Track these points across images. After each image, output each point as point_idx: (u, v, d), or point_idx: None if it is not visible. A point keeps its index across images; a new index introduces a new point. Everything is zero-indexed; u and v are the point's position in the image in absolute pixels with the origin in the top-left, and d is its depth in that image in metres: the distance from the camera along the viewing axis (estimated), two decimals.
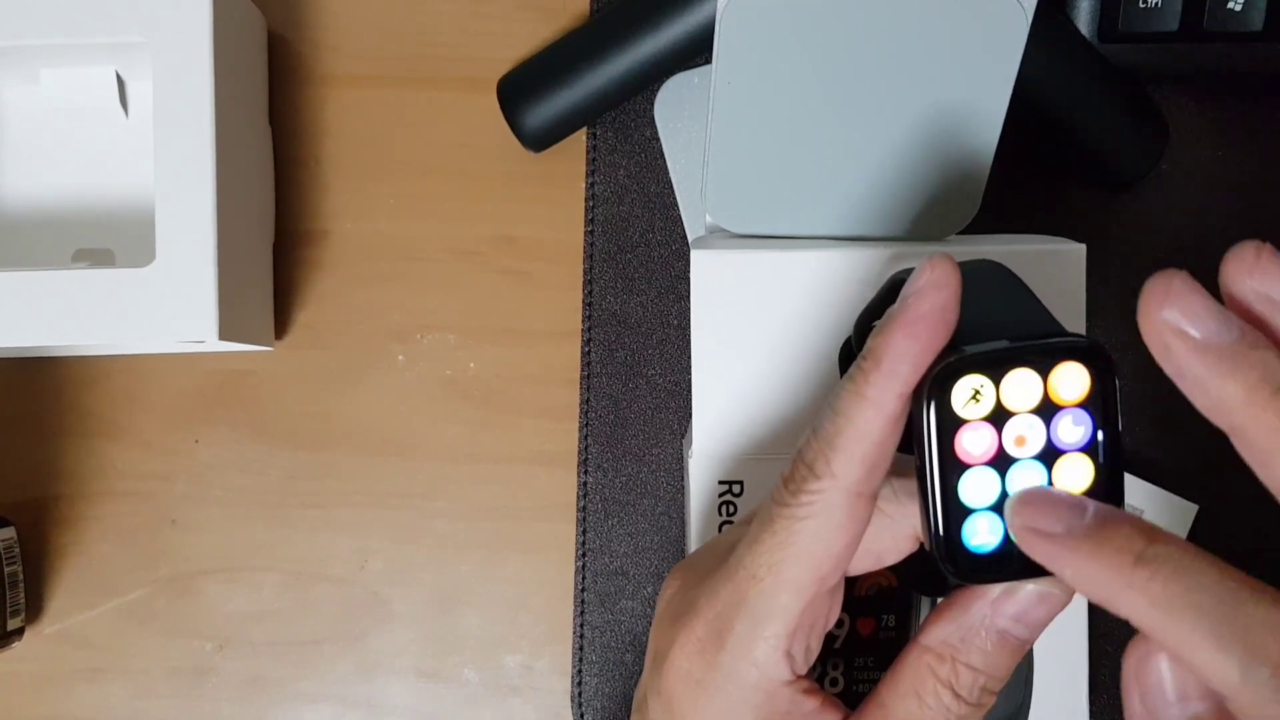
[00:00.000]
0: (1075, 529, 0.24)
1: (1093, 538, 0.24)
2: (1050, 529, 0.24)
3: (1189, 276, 0.24)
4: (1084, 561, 0.24)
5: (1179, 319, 0.24)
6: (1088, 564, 0.24)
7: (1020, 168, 0.47)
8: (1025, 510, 0.25)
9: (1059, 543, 0.24)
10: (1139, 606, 0.23)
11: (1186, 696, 0.24)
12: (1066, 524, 0.24)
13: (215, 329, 0.42)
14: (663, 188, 0.48)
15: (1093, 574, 0.23)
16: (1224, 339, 0.24)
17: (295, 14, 0.50)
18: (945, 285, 0.25)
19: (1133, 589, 0.23)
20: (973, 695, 0.27)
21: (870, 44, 0.36)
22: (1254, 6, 0.43)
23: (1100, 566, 0.23)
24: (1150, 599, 0.23)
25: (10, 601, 0.47)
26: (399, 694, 0.49)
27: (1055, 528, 0.24)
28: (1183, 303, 0.24)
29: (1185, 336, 0.24)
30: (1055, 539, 0.24)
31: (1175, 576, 0.23)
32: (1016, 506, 0.25)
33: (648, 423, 0.48)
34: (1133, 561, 0.23)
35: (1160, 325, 0.24)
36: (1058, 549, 0.24)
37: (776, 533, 0.27)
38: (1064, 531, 0.24)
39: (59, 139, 0.48)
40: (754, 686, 0.28)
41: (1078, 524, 0.24)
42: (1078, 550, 0.24)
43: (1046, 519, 0.24)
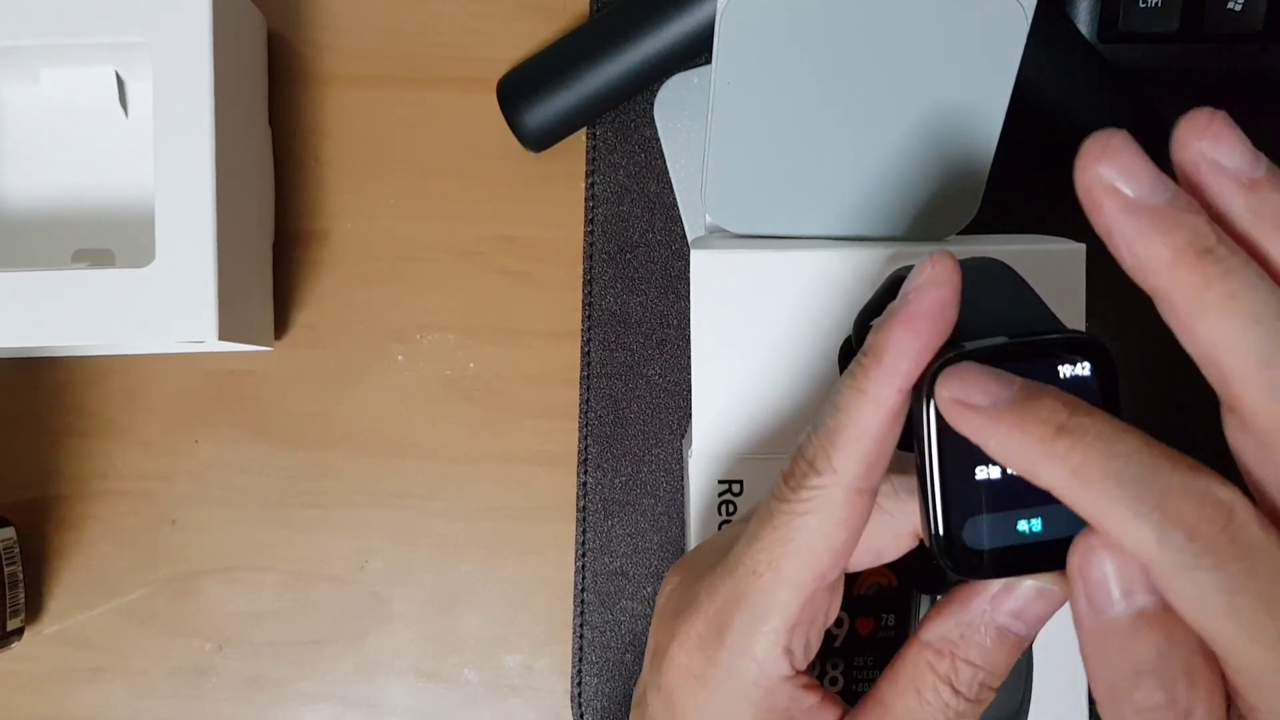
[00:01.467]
0: (1001, 401, 0.24)
1: (1016, 409, 0.24)
2: (976, 400, 0.24)
3: (1129, 136, 0.24)
4: (1007, 432, 0.24)
5: (1113, 175, 0.24)
6: (1011, 434, 0.24)
7: (1020, 167, 0.47)
8: (952, 383, 0.25)
9: (984, 414, 0.24)
10: (1060, 476, 0.23)
11: (1131, 591, 0.24)
12: (992, 397, 0.24)
13: (215, 329, 0.42)
14: (662, 188, 0.49)
15: (1016, 444, 0.24)
16: (1156, 199, 0.24)
17: (295, 14, 0.50)
18: (946, 282, 0.25)
19: (1054, 458, 0.23)
20: (972, 691, 0.27)
21: (870, 44, 0.36)
22: (1254, 7, 0.43)
23: (1023, 437, 0.23)
24: (1070, 468, 0.23)
25: (10, 601, 0.47)
26: (399, 694, 0.49)
27: (981, 400, 0.24)
28: (1119, 160, 0.24)
29: (1117, 193, 0.24)
30: (981, 410, 0.24)
31: (1095, 445, 0.23)
32: (943, 379, 0.25)
33: (647, 422, 0.48)
34: (1054, 432, 0.23)
35: (1094, 180, 0.24)
36: (982, 420, 0.24)
37: (777, 528, 0.27)
38: (990, 403, 0.24)
39: (59, 139, 0.48)
40: (753, 682, 0.28)
41: (1003, 396, 0.24)
42: (1000, 420, 0.24)
43: (972, 391, 0.24)
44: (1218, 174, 0.24)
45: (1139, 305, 0.48)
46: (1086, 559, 0.24)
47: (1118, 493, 0.22)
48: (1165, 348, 0.49)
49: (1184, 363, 0.49)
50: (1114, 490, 0.22)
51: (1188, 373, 0.49)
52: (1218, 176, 0.24)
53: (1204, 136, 0.24)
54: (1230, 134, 0.24)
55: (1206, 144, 0.24)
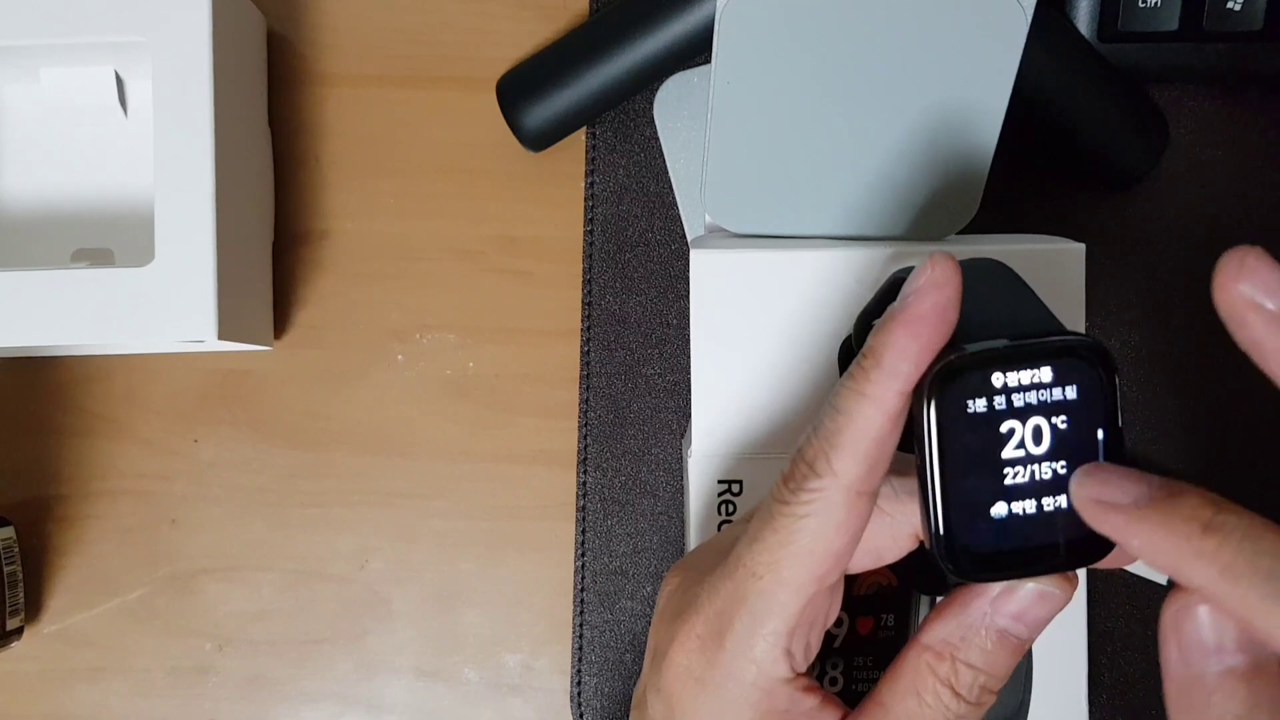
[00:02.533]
0: (1142, 499, 0.24)
1: (1160, 507, 0.24)
2: (1117, 500, 0.24)
3: (1263, 252, 0.24)
4: (1152, 530, 0.24)
5: (1254, 292, 0.24)
6: (1156, 532, 0.24)
7: (1020, 167, 0.47)
8: (1090, 483, 0.25)
9: (1126, 513, 0.24)
10: (1208, 574, 0.23)
11: (1224, 649, 0.24)
12: (1134, 495, 0.24)
13: (214, 328, 0.42)
14: (662, 187, 0.48)
15: (1161, 542, 0.24)
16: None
17: (295, 13, 0.50)
18: (946, 283, 0.25)
19: (1202, 557, 0.23)
20: (972, 694, 0.27)
21: (870, 43, 0.36)
22: (1253, 6, 0.43)
23: (1169, 535, 0.23)
24: (1219, 566, 0.23)
25: (10, 601, 0.47)
26: (399, 693, 0.49)
27: (1122, 499, 0.24)
28: (1258, 276, 0.24)
29: (1261, 309, 0.24)
30: (1122, 509, 0.24)
31: (1243, 543, 0.23)
32: (1080, 479, 0.25)
33: (647, 422, 0.48)
34: (1201, 529, 0.23)
35: (1236, 299, 0.24)
36: (1125, 519, 0.24)
37: (777, 530, 0.27)
38: (1131, 502, 0.24)
39: (58, 138, 0.48)
40: (753, 684, 0.28)
41: (1144, 494, 0.24)
42: (1145, 520, 0.24)
43: (1113, 490, 0.25)
44: None
45: (1138, 305, 0.49)
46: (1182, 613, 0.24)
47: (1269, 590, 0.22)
48: (1165, 347, 0.49)
49: (1183, 363, 0.50)
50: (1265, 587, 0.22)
51: (1187, 372, 0.49)
52: None
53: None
54: None
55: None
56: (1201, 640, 0.24)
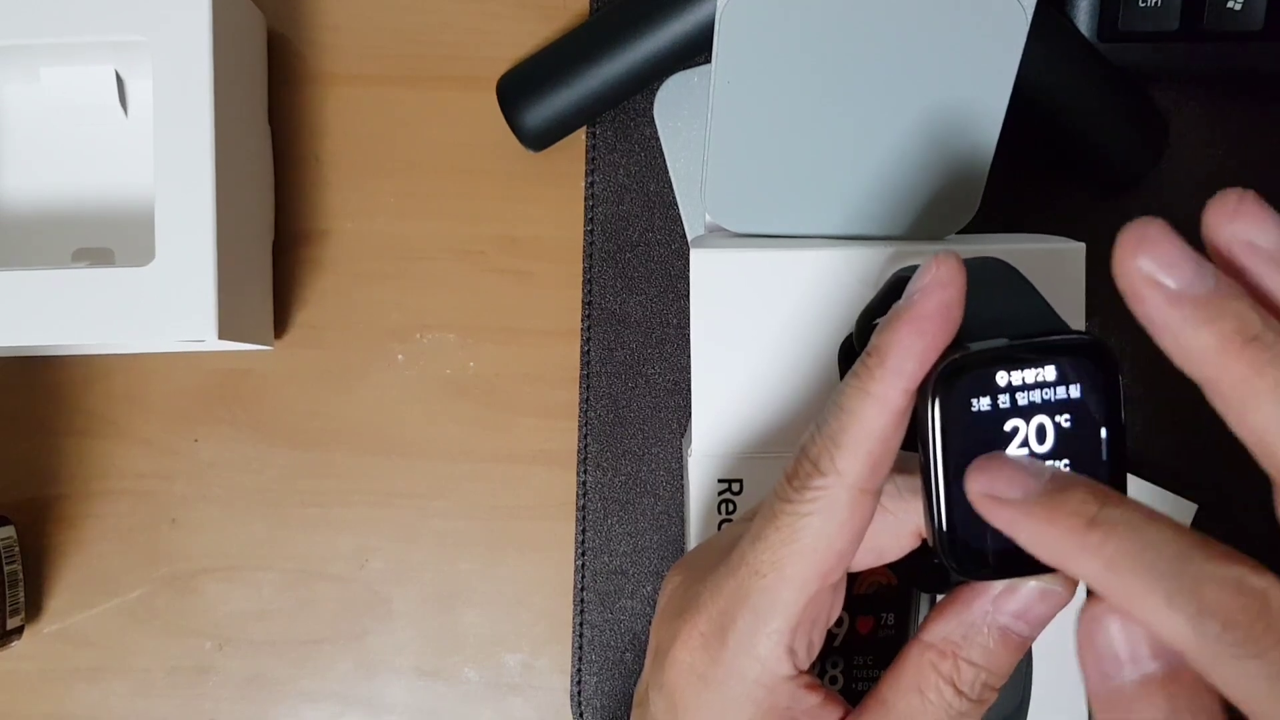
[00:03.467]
0: (1030, 494, 0.24)
1: (1046, 503, 0.24)
2: (1006, 494, 0.24)
3: (1165, 224, 0.24)
4: (1039, 526, 0.23)
5: (1153, 267, 0.23)
6: (1043, 529, 0.23)
7: (1020, 167, 0.47)
8: (981, 477, 0.25)
9: (1015, 508, 0.24)
10: (1093, 568, 0.23)
11: (1138, 657, 0.24)
12: (1022, 490, 0.24)
13: (215, 328, 0.42)
14: (662, 187, 0.49)
15: (1048, 539, 0.23)
16: (1199, 288, 0.23)
17: (295, 13, 0.50)
18: (951, 282, 0.25)
19: (1086, 551, 0.23)
20: (974, 691, 0.27)
21: (870, 43, 0.36)
22: (1254, 5, 0.43)
23: (1055, 531, 0.23)
24: (1104, 561, 0.23)
25: (10, 600, 0.47)
26: (399, 693, 0.49)
27: (1011, 493, 0.24)
28: (1158, 250, 0.23)
29: (1159, 285, 0.23)
30: (1011, 504, 0.24)
31: (1127, 537, 0.23)
32: (973, 473, 0.25)
33: (647, 421, 0.48)
34: (1085, 525, 0.23)
35: (1134, 273, 0.24)
36: (1013, 514, 0.24)
37: (780, 528, 0.27)
38: (1020, 497, 0.24)
39: (58, 138, 0.48)
40: (756, 681, 0.28)
41: (1032, 489, 0.24)
42: (1032, 515, 0.24)
43: (1001, 485, 0.24)
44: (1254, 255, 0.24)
45: None
46: (1094, 626, 0.24)
47: (1152, 584, 0.22)
48: None
49: None
50: (1148, 581, 0.22)
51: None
52: (1254, 257, 0.24)
53: (1236, 218, 0.24)
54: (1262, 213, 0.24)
55: (1240, 225, 0.24)
56: (1115, 651, 0.24)
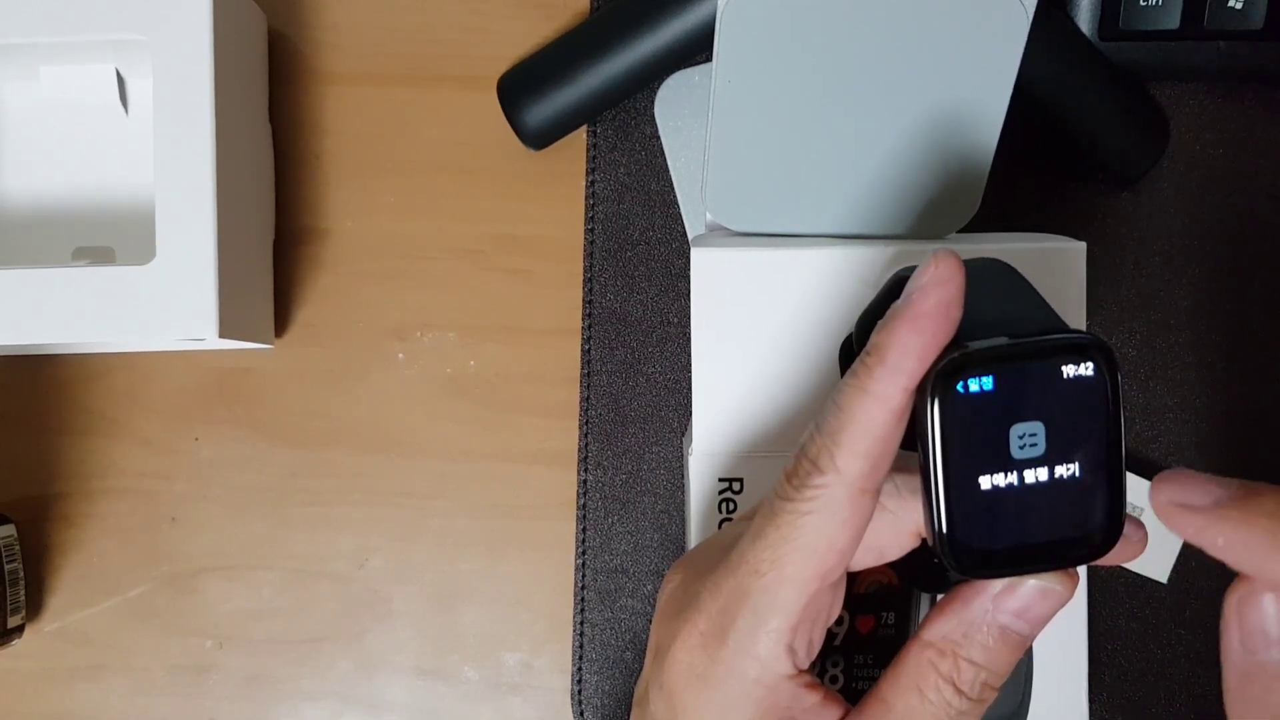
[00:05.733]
0: (1223, 500, 0.25)
1: (1240, 506, 0.24)
2: (1197, 502, 0.25)
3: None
4: (1233, 529, 0.24)
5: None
6: (1238, 531, 0.24)
7: (1021, 166, 0.47)
8: (1169, 487, 0.26)
9: (1207, 514, 0.25)
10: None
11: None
12: (1214, 496, 0.25)
13: (215, 327, 0.42)
14: (663, 186, 0.48)
15: (1244, 540, 0.24)
16: None
17: (295, 12, 0.50)
18: (950, 281, 0.25)
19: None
20: (974, 690, 0.27)
21: (871, 42, 0.36)
22: (1254, 5, 0.43)
23: (1252, 532, 0.24)
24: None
25: (10, 599, 0.47)
26: (399, 692, 0.49)
27: (1202, 500, 0.25)
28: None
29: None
30: (1203, 511, 0.25)
31: None
32: (1160, 485, 0.26)
33: (648, 420, 0.48)
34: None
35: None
36: (1206, 520, 0.25)
37: (780, 527, 0.27)
38: (1211, 503, 0.25)
39: (59, 137, 0.48)
40: (756, 680, 0.28)
41: (1224, 495, 0.25)
42: (1226, 519, 0.24)
43: (1193, 493, 0.25)
44: None
45: (1139, 304, 0.49)
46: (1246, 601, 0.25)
47: None
48: (1165, 346, 0.49)
49: (1183, 361, 0.49)
50: None
51: (1186, 371, 0.49)
52: None
53: None
54: None
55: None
56: (1265, 628, 0.25)
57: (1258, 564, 0.24)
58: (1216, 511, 0.25)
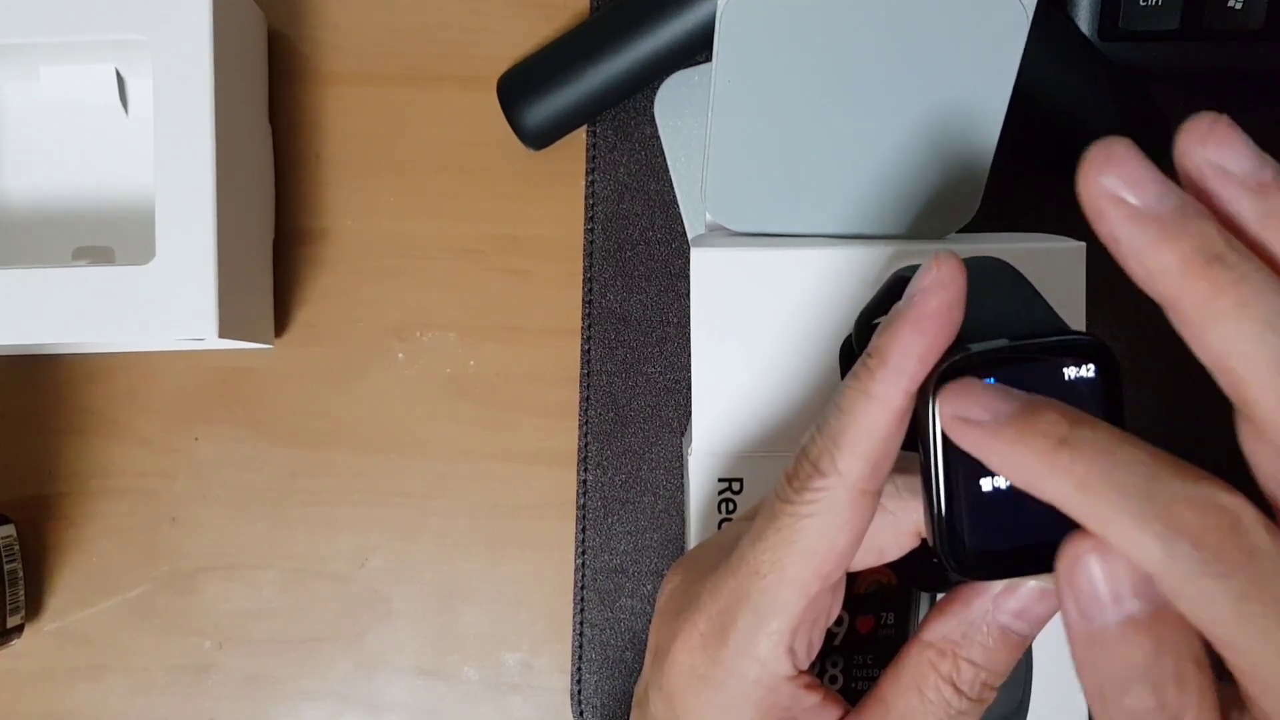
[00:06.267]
0: (1001, 415, 0.24)
1: (1016, 423, 0.23)
2: (977, 416, 0.24)
3: (1132, 143, 0.23)
4: (1008, 447, 0.23)
5: (1117, 184, 0.23)
6: (1012, 449, 0.23)
7: (1020, 166, 0.47)
8: (953, 399, 0.25)
9: (984, 429, 0.24)
10: (1063, 489, 0.23)
11: (1120, 597, 0.23)
12: (992, 411, 0.24)
13: (215, 327, 0.42)
14: (663, 186, 0.48)
15: (1018, 459, 0.23)
16: (1162, 207, 0.23)
17: (295, 11, 0.50)
18: (952, 282, 0.25)
19: (1056, 472, 0.23)
20: (973, 690, 0.27)
21: (871, 42, 0.36)
22: (1254, 5, 0.43)
23: (1025, 451, 0.23)
24: (1074, 481, 0.22)
25: (10, 599, 0.47)
26: (399, 692, 0.49)
27: (981, 415, 0.24)
28: (1123, 168, 0.23)
29: (1122, 203, 0.23)
30: (981, 426, 0.24)
31: (1097, 457, 0.22)
32: (944, 395, 0.25)
33: (647, 420, 0.48)
34: (1055, 445, 0.23)
35: (1098, 190, 0.24)
36: (983, 435, 0.24)
37: (780, 529, 0.27)
38: (990, 418, 0.24)
39: (58, 136, 0.48)
40: (756, 681, 0.28)
41: (1003, 410, 0.24)
42: (1001, 436, 0.24)
43: (973, 407, 0.24)
44: (1224, 179, 0.24)
45: (1139, 304, 0.49)
46: (1074, 565, 0.24)
47: (1122, 504, 0.22)
48: (1165, 346, 0.49)
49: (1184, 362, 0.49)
50: (1118, 501, 0.22)
51: (1188, 371, 0.49)
52: (1224, 182, 0.24)
53: (1208, 142, 0.24)
54: (1235, 138, 0.24)
55: (1211, 149, 0.24)
56: (1096, 591, 0.23)
57: (1031, 484, 0.23)
58: (994, 427, 0.24)
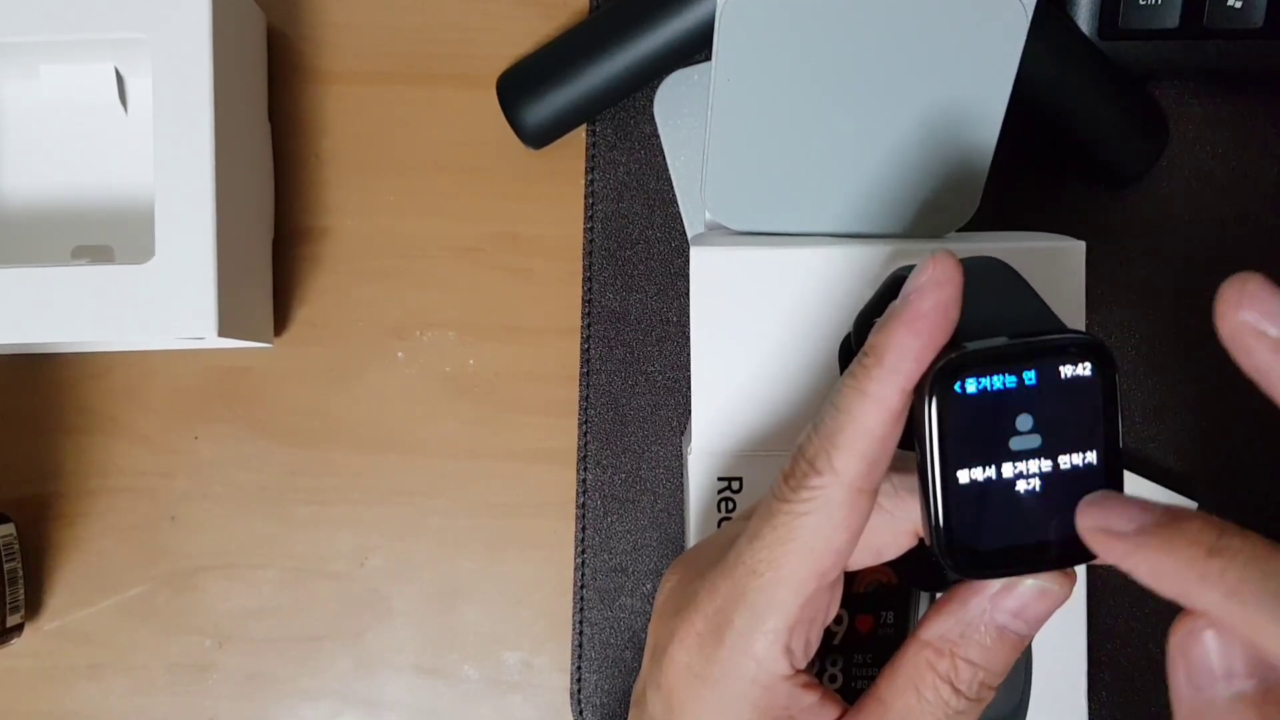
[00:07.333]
0: (1146, 526, 0.24)
1: (1164, 533, 0.24)
2: (1121, 528, 0.25)
3: (1264, 278, 0.24)
4: (1158, 556, 0.24)
5: (1258, 319, 0.24)
6: (1162, 558, 0.24)
7: (1020, 165, 0.47)
8: (1094, 512, 0.25)
9: (1131, 541, 0.24)
10: (1214, 597, 0.23)
11: (1233, 674, 0.24)
12: (1138, 522, 0.25)
13: (214, 326, 0.42)
14: (662, 185, 0.48)
15: (1167, 568, 0.24)
16: None
17: (295, 10, 0.50)
18: (948, 282, 0.25)
19: (1207, 580, 0.23)
20: (971, 690, 0.27)
21: (870, 41, 0.36)
22: (1254, 4, 0.43)
23: (1175, 560, 0.24)
24: (1225, 589, 0.23)
25: (10, 598, 0.47)
26: (398, 691, 0.49)
27: (1126, 526, 0.25)
28: (1260, 304, 0.24)
29: (1265, 336, 0.24)
30: (1127, 537, 0.25)
31: (1248, 565, 0.23)
32: (1085, 509, 0.25)
33: (647, 419, 0.48)
34: (1205, 553, 0.23)
35: (1239, 326, 0.24)
36: (1131, 546, 0.24)
37: (777, 528, 0.27)
38: (1135, 529, 0.24)
39: (58, 135, 0.48)
40: (753, 680, 0.28)
41: (1148, 521, 0.24)
42: (1149, 546, 0.24)
43: (1117, 519, 0.25)
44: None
45: (1139, 304, 0.49)
46: (1190, 639, 0.24)
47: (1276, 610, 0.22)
48: (1164, 346, 0.49)
49: (1182, 361, 0.49)
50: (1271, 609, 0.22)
51: (1186, 371, 0.49)
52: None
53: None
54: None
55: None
56: (1210, 666, 0.24)
57: (1180, 592, 0.24)
58: (1140, 538, 0.24)
